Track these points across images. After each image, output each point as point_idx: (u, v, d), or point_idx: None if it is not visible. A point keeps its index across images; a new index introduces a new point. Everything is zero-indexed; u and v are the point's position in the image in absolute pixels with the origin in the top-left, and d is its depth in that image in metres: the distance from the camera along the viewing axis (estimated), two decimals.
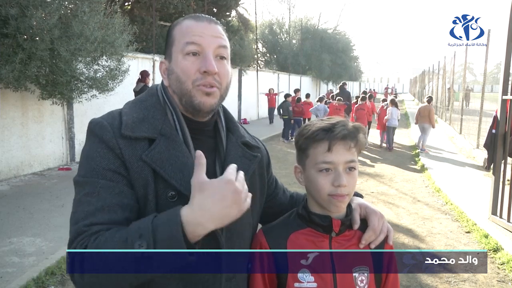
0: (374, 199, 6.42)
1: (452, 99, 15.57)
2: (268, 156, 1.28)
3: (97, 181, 0.92)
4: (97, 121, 0.99)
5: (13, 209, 5.25)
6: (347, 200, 1.10)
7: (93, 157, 0.95)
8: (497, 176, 5.10)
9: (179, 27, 1.04)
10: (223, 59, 1.04)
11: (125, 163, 0.94)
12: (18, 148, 7.03)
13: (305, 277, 1.09)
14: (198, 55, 1.00)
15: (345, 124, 1.10)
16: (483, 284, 3.69)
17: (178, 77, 1.01)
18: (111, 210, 0.90)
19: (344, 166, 1.08)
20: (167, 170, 0.95)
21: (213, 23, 1.04)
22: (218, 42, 1.02)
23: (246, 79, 18.18)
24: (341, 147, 1.07)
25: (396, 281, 1.18)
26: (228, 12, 18.12)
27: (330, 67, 31.69)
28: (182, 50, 1.00)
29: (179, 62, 1.00)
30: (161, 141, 0.98)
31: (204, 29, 1.01)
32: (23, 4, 5.51)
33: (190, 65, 0.99)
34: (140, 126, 0.98)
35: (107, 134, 0.95)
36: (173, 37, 1.04)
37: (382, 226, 1.16)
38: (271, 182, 1.29)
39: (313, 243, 1.12)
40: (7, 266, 3.65)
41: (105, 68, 6.99)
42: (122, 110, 1.03)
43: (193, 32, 1.00)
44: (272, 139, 13.06)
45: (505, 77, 4.90)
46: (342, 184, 1.05)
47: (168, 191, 0.95)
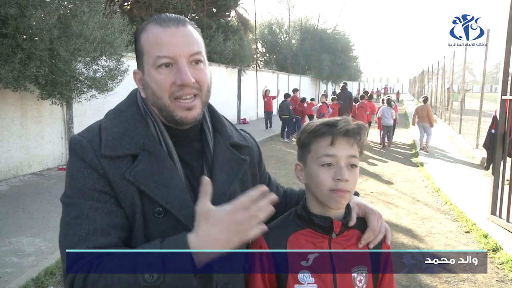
0: (374, 199, 6.42)
1: (452, 99, 15.59)
2: (260, 153, 1.25)
3: (84, 202, 0.90)
4: (77, 140, 0.95)
5: (12, 209, 5.24)
6: (347, 197, 1.09)
7: (77, 177, 0.92)
8: (497, 176, 5.10)
9: (146, 36, 0.96)
10: (198, 62, 0.97)
11: (110, 183, 0.92)
12: (18, 148, 7.03)
13: (305, 278, 1.09)
14: (171, 65, 0.94)
15: (348, 121, 1.10)
16: (482, 284, 3.69)
17: (153, 92, 0.96)
18: (104, 232, 0.88)
19: (346, 161, 1.07)
20: (152, 187, 0.93)
21: (181, 26, 0.96)
22: (190, 50, 0.95)
23: (246, 79, 18.18)
24: (344, 142, 1.07)
25: (391, 280, 1.19)
26: (227, 12, 18.14)
27: (330, 67, 31.67)
28: (154, 64, 0.94)
29: (152, 76, 0.95)
30: (144, 156, 0.95)
31: (173, 37, 0.94)
32: (22, 4, 5.51)
33: (164, 78, 0.93)
34: (121, 142, 0.95)
35: (88, 155, 0.92)
36: (141, 47, 0.98)
37: (381, 226, 1.16)
38: (264, 179, 1.27)
39: (312, 244, 1.12)
40: (6, 266, 3.65)
41: (105, 68, 6.99)
42: (102, 124, 0.98)
43: (162, 43, 0.93)
44: (271, 139, 13.06)
45: (505, 77, 4.90)
46: (343, 178, 1.05)
47: (154, 207, 0.93)
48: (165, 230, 0.93)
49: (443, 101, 17.65)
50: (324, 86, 36.21)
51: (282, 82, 24.29)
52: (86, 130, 0.99)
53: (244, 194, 0.86)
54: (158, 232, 0.94)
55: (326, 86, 36.68)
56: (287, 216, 1.20)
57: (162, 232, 0.93)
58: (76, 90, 6.61)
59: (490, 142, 5.42)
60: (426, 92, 24.76)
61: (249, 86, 18.60)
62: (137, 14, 13.98)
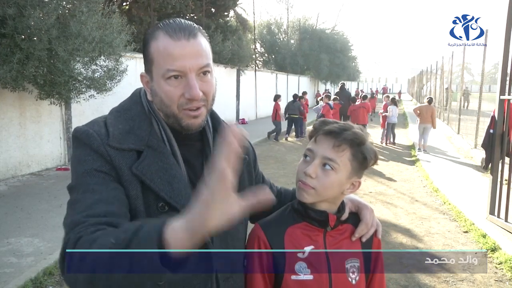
0: (372, 199, 6.43)
1: (450, 99, 15.62)
2: (254, 153, 1.30)
3: (90, 179, 0.91)
4: (83, 130, 0.97)
5: (11, 210, 5.23)
6: (312, 193, 1.12)
7: (84, 160, 0.94)
8: (495, 176, 5.11)
9: (156, 45, 0.97)
10: (206, 73, 1.00)
11: (116, 170, 0.94)
12: (16, 148, 7.01)
13: (302, 269, 1.14)
14: (180, 78, 0.96)
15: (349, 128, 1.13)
16: (481, 284, 3.69)
17: (162, 101, 0.99)
18: (109, 202, 0.89)
19: (321, 160, 1.11)
20: (156, 182, 0.95)
21: (191, 38, 0.96)
22: (199, 63, 0.96)
23: (244, 79, 18.17)
24: (326, 142, 1.12)
25: (382, 269, 1.25)
26: (226, 12, 18.11)
27: (328, 67, 31.68)
28: (164, 76, 0.96)
29: (162, 86, 0.97)
30: (148, 153, 0.97)
31: (184, 50, 0.95)
32: (21, 4, 5.50)
33: (173, 90, 0.96)
34: (127, 138, 0.98)
35: (94, 142, 0.94)
36: (151, 55, 0.99)
37: (373, 220, 1.23)
38: (258, 179, 1.31)
39: (308, 237, 1.17)
40: (5, 267, 3.64)
41: (103, 68, 6.98)
42: (107, 120, 1.01)
43: (173, 56, 0.95)
44: (271, 139, 13.07)
45: (503, 77, 4.91)
46: (308, 172, 1.10)
47: (158, 202, 0.96)
48: None
49: (441, 101, 17.68)
50: (323, 86, 36.22)
51: (281, 82, 24.30)
52: (90, 123, 1.01)
53: (242, 193, 0.84)
54: None
55: (325, 86, 36.68)
56: (284, 210, 1.25)
57: None
58: (75, 90, 6.60)
59: (488, 142, 5.43)
60: (425, 92, 24.79)
61: (247, 86, 18.59)
62: (136, 14, 13.96)
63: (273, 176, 7.44)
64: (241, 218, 1.12)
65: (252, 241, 1.18)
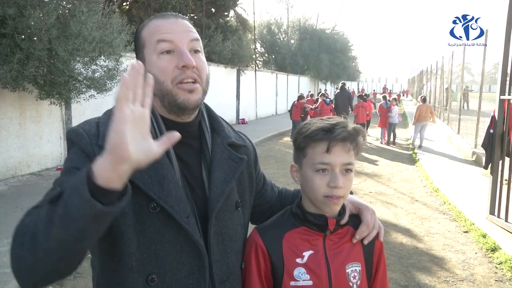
0: (372, 199, 6.43)
1: (450, 99, 15.62)
2: (255, 153, 1.26)
3: (66, 178, 0.89)
4: (73, 129, 0.97)
5: (11, 210, 5.23)
6: (341, 202, 1.10)
7: (70, 159, 0.94)
8: (495, 176, 5.11)
9: (147, 28, 1.02)
10: (197, 52, 1.02)
11: None
12: (16, 148, 7.02)
13: (300, 275, 1.11)
14: (172, 52, 0.98)
15: (346, 125, 1.09)
16: (481, 284, 3.69)
17: (156, 78, 0.95)
18: None
19: (341, 167, 1.08)
20: (146, 182, 0.92)
21: (180, 18, 1.03)
22: (189, 36, 1.00)
23: (244, 79, 18.17)
24: (339, 148, 1.07)
25: (385, 275, 1.21)
26: (226, 12, 18.12)
27: (328, 67, 31.69)
28: (155, 50, 0.98)
29: (154, 62, 0.98)
30: None
31: (173, 25, 1.00)
32: (21, 4, 5.50)
33: (167, 63, 0.97)
34: None
35: (82, 141, 0.94)
36: (142, 39, 1.02)
37: (374, 222, 1.19)
38: (259, 179, 1.28)
39: (307, 242, 1.13)
40: (5, 267, 3.64)
41: (103, 68, 6.97)
42: (100, 121, 1.00)
43: (162, 30, 0.99)
44: (270, 139, 13.07)
45: (503, 77, 4.91)
46: (338, 185, 1.05)
47: (149, 202, 0.93)
48: (159, 225, 0.94)
49: (441, 101, 17.68)
50: (323, 86, 36.21)
51: (281, 82, 24.30)
52: (83, 123, 1.01)
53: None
54: (152, 227, 0.94)
55: (325, 86, 36.68)
56: (282, 214, 1.21)
57: (156, 227, 0.94)
58: (75, 90, 6.59)
59: (488, 142, 5.43)
60: (425, 92, 24.78)
61: (247, 86, 18.59)
62: (136, 14, 13.97)
63: (273, 176, 7.43)
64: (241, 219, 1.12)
65: (249, 246, 1.15)
